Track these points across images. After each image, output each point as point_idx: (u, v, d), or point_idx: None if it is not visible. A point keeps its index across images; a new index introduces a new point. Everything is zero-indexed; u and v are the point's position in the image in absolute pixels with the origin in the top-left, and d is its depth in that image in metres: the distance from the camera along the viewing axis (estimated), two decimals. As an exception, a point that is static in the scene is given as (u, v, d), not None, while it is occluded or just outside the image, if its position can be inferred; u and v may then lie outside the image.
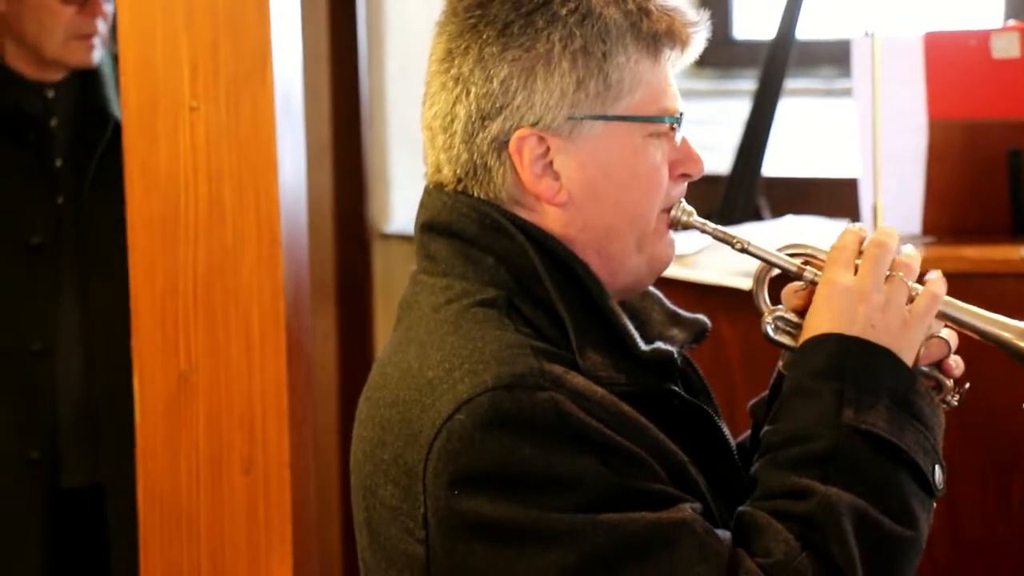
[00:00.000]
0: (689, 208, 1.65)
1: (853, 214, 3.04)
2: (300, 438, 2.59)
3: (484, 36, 1.58)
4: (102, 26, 3.18)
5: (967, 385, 1.64)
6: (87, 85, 3.20)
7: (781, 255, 1.66)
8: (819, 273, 1.63)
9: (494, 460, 1.47)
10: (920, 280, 1.63)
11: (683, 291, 2.68)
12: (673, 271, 2.69)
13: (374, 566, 1.60)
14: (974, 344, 1.66)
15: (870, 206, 2.78)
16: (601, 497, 1.47)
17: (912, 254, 1.63)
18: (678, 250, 1.69)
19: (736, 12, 4.13)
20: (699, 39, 1.62)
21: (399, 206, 3.86)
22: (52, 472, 3.17)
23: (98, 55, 3.18)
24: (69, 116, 3.19)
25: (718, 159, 3.53)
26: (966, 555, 2.62)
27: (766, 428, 1.59)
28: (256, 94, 2.51)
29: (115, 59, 2.80)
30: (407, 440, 1.53)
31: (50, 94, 3.18)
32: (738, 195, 3.40)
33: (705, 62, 4.10)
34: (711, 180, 3.45)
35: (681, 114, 1.62)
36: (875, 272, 1.60)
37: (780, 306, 1.66)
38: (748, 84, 3.68)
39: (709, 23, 1.63)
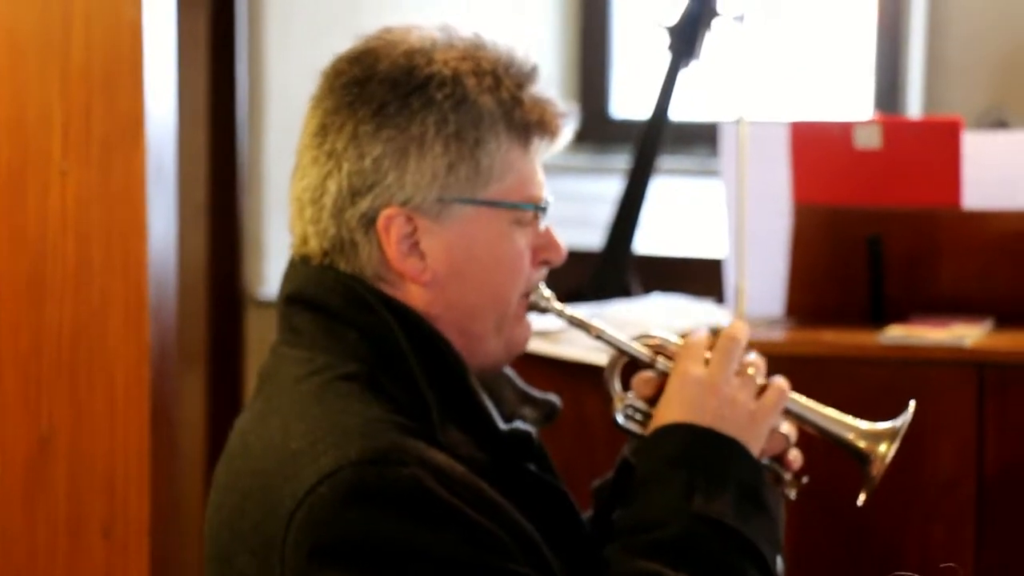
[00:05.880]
0: (548, 294, 1.68)
1: (718, 294, 3.09)
2: (162, 502, 2.58)
3: (360, 114, 1.59)
4: None
5: (805, 478, 1.68)
6: None
7: (634, 344, 1.69)
8: (671, 363, 1.66)
9: (354, 533, 1.48)
10: (772, 369, 1.67)
11: (550, 367, 2.70)
12: (541, 347, 2.73)
13: (227, 635, 1.59)
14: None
15: (734, 287, 2.83)
16: (458, 574, 1.48)
17: (758, 360, 1.67)
18: (547, 327, 1.72)
19: (614, 91, 4.21)
20: (568, 130, 1.66)
21: (274, 273, 3.85)
22: None
23: None
24: None
25: (592, 234, 3.58)
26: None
27: (617, 513, 1.62)
28: (128, 157, 2.51)
29: None
30: (267, 510, 1.53)
31: None
32: (609, 271, 3.45)
33: (582, 139, 4.17)
34: (584, 256, 3.52)
35: (547, 202, 1.65)
36: (726, 365, 1.64)
37: (631, 393, 1.69)
38: (624, 162, 3.74)
39: (583, 106, 1.67)
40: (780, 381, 1.66)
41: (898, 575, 2.50)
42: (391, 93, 1.58)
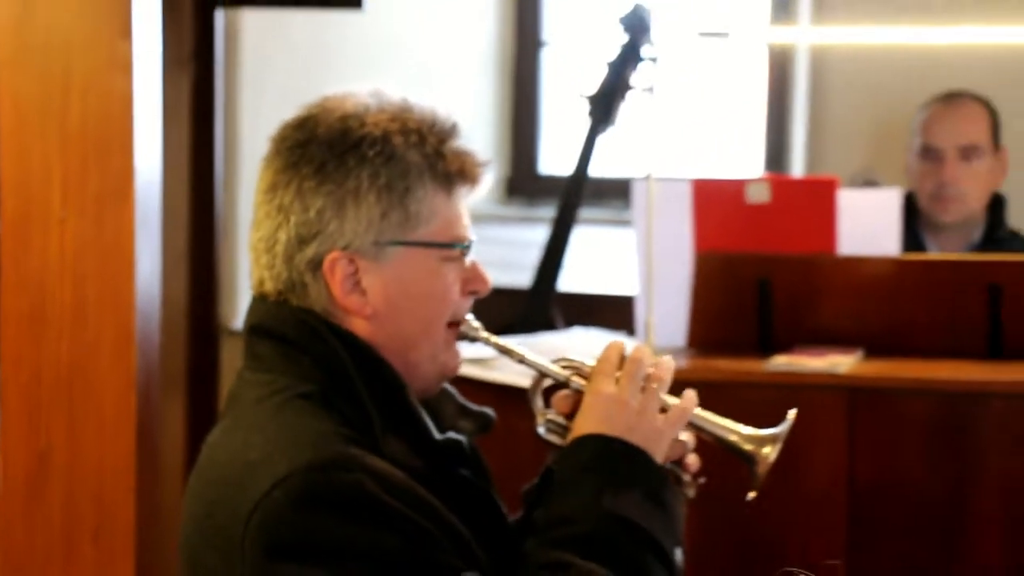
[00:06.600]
0: (476, 324, 1.70)
1: (630, 328, 3.12)
2: (146, 511, 2.58)
3: (303, 172, 1.60)
4: None
5: (702, 479, 1.71)
6: None
7: (553, 367, 1.71)
8: (585, 383, 1.69)
9: (305, 532, 1.50)
10: (674, 391, 1.69)
11: (484, 390, 2.73)
12: (476, 372, 2.76)
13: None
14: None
15: (644, 322, 2.87)
16: (398, 567, 1.50)
17: (668, 366, 1.69)
18: (482, 354, 1.72)
19: (542, 151, 4.26)
20: (488, 177, 1.68)
21: (246, 308, 3.86)
22: None
23: None
24: None
25: (522, 275, 3.61)
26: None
27: (537, 512, 1.63)
28: (119, 209, 2.53)
29: None
30: (230, 513, 1.54)
31: None
32: (536, 307, 3.48)
33: (514, 192, 4.21)
34: (514, 293, 3.55)
35: (471, 240, 1.66)
36: (632, 383, 1.65)
37: (551, 409, 1.71)
38: (550, 212, 3.78)
39: (515, 164, 1.69)
40: (685, 401, 1.67)
41: (786, 570, 2.52)
42: (329, 153, 1.60)
